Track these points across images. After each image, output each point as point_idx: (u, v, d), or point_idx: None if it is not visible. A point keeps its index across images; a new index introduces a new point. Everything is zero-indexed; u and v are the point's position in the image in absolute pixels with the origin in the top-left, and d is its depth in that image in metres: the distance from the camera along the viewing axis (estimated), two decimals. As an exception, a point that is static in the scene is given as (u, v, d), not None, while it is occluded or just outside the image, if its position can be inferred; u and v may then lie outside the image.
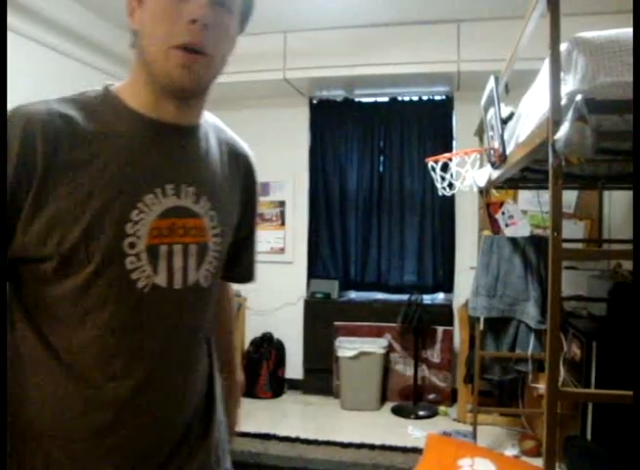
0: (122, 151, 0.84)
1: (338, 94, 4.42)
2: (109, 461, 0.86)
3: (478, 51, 3.59)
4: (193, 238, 0.90)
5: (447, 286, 4.26)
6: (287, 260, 4.51)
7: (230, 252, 1.01)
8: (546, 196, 1.53)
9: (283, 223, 4.53)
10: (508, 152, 2.08)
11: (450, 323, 4.06)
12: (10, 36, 2.83)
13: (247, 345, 4.36)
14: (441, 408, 3.90)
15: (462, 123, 4.12)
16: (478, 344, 3.09)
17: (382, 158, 4.38)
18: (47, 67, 3.30)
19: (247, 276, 1.15)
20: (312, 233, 4.51)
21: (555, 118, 1.37)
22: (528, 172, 2.51)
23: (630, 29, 1.27)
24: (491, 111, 2.23)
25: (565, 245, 1.42)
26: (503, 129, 2.12)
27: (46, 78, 3.30)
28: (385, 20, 3.69)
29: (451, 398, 3.97)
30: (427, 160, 3.93)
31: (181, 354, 0.92)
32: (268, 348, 4.29)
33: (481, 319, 3.02)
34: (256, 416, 3.80)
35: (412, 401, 3.94)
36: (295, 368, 4.41)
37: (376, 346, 3.97)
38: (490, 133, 2.34)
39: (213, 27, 0.82)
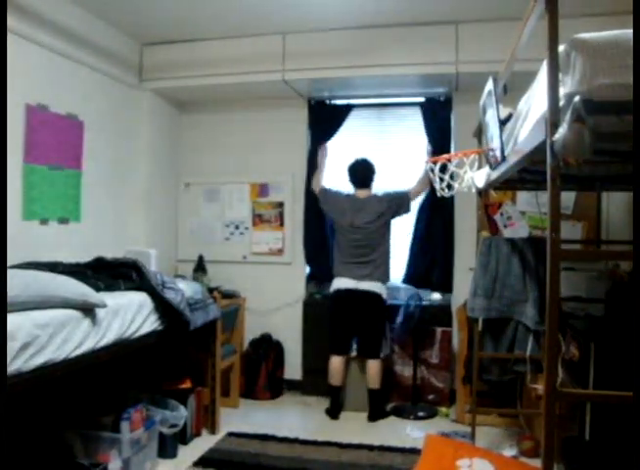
0: None
1: (336, 95, 4.42)
2: None
3: (476, 52, 3.60)
4: None
5: (446, 287, 4.25)
6: (286, 261, 4.51)
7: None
8: (544, 197, 1.53)
9: (282, 224, 4.53)
10: (506, 153, 2.08)
11: (449, 324, 4.07)
12: (9, 38, 2.83)
13: (245, 345, 4.36)
14: (442, 409, 3.90)
15: (460, 124, 4.12)
16: (476, 344, 3.09)
17: (380, 159, 4.38)
18: (46, 68, 3.30)
19: None
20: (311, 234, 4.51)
21: (553, 120, 1.37)
22: (527, 173, 2.51)
23: (628, 31, 1.27)
24: (490, 112, 2.23)
25: (563, 246, 1.42)
26: (501, 130, 2.12)
27: (45, 79, 3.30)
28: (383, 21, 3.70)
29: (450, 398, 3.98)
30: (425, 160, 3.94)
31: None
32: (267, 348, 4.29)
33: (480, 320, 3.02)
34: (255, 417, 3.81)
35: (411, 402, 3.95)
36: (293, 369, 4.41)
37: (375, 346, 3.96)
38: (489, 134, 2.34)
39: None
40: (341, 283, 3.84)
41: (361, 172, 3.91)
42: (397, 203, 3.90)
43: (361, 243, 3.82)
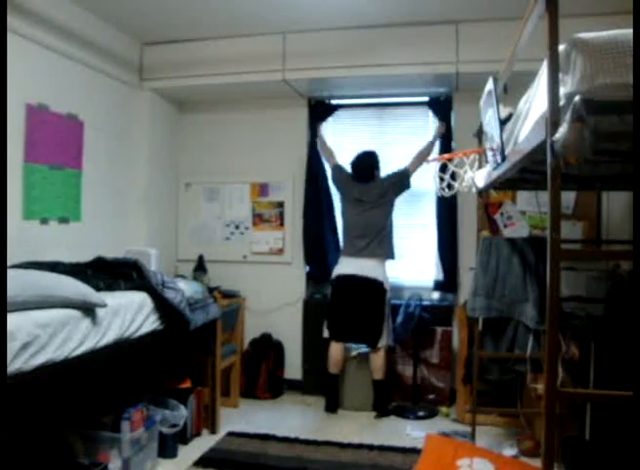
0: None
1: (336, 95, 4.42)
2: None
3: (476, 52, 3.60)
4: None
5: (446, 286, 4.25)
6: (286, 261, 4.51)
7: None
8: (544, 197, 1.53)
9: (282, 224, 4.53)
10: (507, 153, 2.08)
11: (449, 323, 4.07)
12: (10, 38, 2.83)
13: (246, 345, 4.37)
14: (443, 409, 3.89)
15: (461, 124, 4.12)
16: (476, 344, 3.09)
17: (380, 158, 4.37)
18: (46, 68, 3.30)
19: None
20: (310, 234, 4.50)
21: (553, 119, 1.37)
22: (527, 173, 2.51)
23: (628, 31, 1.27)
24: (490, 111, 2.24)
25: (563, 245, 1.42)
26: (502, 130, 2.12)
27: (45, 79, 3.30)
28: (383, 21, 3.70)
29: (450, 398, 3.98)
30: (426, 160, 3.94)
31: None
32: (267, 348, 4.29)
33: (480, 320, 3.02)
34: (256, 417, 3.80)
35: (411, 402, 3.95)
36: (294, 369, 4.41)
37: (375, 346, 3.96)
38: (489, 134, 2.34)
39: None
40: (342, 268, 3.88)
41: (363, 169, 3.96)
42: (399, 181, 3.94)
43: (365, 220, 3.86)
